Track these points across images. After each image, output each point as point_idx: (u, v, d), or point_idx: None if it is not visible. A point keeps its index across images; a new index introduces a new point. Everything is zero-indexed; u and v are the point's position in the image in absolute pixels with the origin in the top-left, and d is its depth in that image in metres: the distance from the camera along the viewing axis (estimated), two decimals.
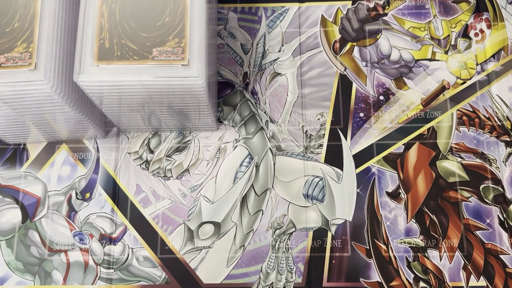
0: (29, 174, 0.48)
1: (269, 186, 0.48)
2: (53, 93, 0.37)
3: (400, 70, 0.51)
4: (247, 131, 0.49)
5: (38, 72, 0.36)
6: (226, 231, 0.46)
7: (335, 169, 0.48)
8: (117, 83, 0.37)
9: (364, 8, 0.53)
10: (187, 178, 0.48)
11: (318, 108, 0.50)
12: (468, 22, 0.52)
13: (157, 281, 0.45)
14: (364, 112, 0.50)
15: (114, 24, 0.37)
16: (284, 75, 0.51)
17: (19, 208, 0.47)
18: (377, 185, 0.47)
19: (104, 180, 0.48)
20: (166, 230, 0.47)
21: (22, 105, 0.39)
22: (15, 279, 0.45)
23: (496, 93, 0.50)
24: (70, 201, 0.47)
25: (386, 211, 0.47)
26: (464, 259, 0.45)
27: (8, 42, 0.36)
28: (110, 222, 0.47)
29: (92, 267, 0.45)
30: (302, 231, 0.46)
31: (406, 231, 0.46)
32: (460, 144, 0.48)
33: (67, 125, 0.44)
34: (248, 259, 0.46)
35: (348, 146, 0.49)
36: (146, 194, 0.48)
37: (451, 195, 0.47)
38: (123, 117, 0.45)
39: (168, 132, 0.49)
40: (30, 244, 0.46)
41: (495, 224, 0.46)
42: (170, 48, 0.36)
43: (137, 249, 0.46)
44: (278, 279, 0.45)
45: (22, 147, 0.49)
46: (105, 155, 0.49)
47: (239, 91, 0.51)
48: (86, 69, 0.36)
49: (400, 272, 0.45)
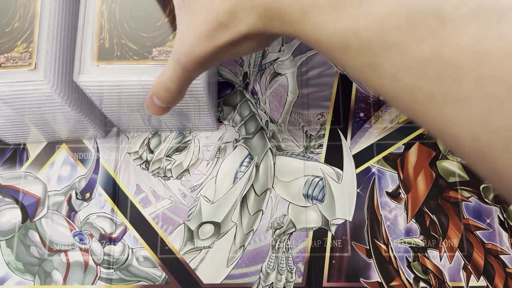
0: (29, 174, 0.48)
1: (269, 186, 0.48)
2: (53, 93, 0.37)
3: None
4: (247, 131, 0.49)
5: (38, 72, 0.36)
6: (226, 231, 0.46)
7: (335, 169, 0.48)
8: (117, 83, 0.37)
9: None
10: (187, 178, 0.48)
11: (318, 108, 0.50)
12: None
13: (157, 281, 0.45)
14: (364, 112, 0.50)
15: (114, 24, 0.37)
16: (284, 75, 0.51)
17: (19, 208, 0.47)
18: (377, 185, 0.47)
19: (104, 180, 0.48)
20: (166, 230, 0.47)
21: (22, 105, 0.39)
22: (15, 279, 0.45)
23: None
24: (70, 201, 0.47)
25: (386, 211, 0.47)
26: (464, 259, 0.45)
27: (8, 42, 0.36)
28: (110, 222, 0.47)
29: (92, 267, 0.45)
30: (302, 231, 0.46)
31: (406, 231, 0.46)
32: None
33: (67, 125, 0.44)
34: (248, 259, 0.46)
35: (348, 146, 0.49)
36: (146, 194, 0.48)
37: (451, 195, 0.47)
38: (123, 117, 0.45)
39: (168, 132, 0.49)
40: (30, 244, 0.46)
41: (495, 224, 0.46)
42: (170, 48, 0.36)
43: (137, 249, 0.46)
44: (278, 279, 0.45)
45: (22, 147, 0.49)
46: (105, 155, 0.49)
47: (239, 91, 0.51)
48: (86, 69, 0.36)
49: (400, 272, 0.45)
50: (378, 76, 0.20)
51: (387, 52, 0.19)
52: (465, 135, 0.18)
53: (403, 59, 0.19)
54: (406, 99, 0.20)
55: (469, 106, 0.18)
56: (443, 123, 0.19)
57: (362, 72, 0.21)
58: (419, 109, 0.19)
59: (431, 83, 0.18)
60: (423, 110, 0.19)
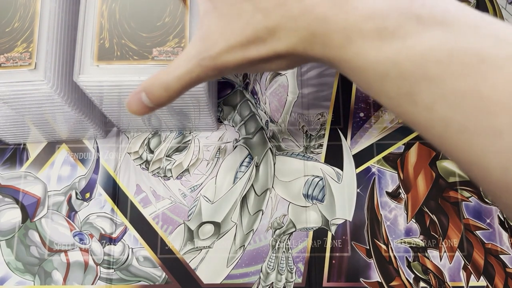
0: (29, 174, 0.48)
1: (269, 186, 0.48)
2: (53, 93, 0.37)
3: None
4: (247, 131, 0.49)
5: (38, 72, 0.36)
6: (226, 231, 0.46)
7: (335, 169, 0.48)
8: (117, 83, 0.37)
9: None
10: (187, 178, 0.48)
11: (318, 108, 0.50)
12: None
13: (157, 281, 0.45)
14: (364, 112, 0.50)
15: (114, 24, 0.37)
16: (284, 75, 0.51)
17: (19, 208, 0.47)
18: (377, 185, 0.47)
19: (104, 180, 0.48)
20: (166, 230, 0.47)
21: (22, 105, 0.39)
22: (15, 279, 0.45)
23: None
24: (70, 201, 0.47)
25: (386, 211, 0.47)
26: (464, 259, 0.45)
27: (8, 42, 0.36)
28: (110, 222, 0.47)
29: (92, 267, 0.45)
30: (302, 231, 0.46)
31: (406, 231, 0.46)
32: None
33: (67, 125, 0.44)
34: (248, 259, 0.46)
35: (348, 146, 0.49)
36: (146, 194, 0.48)
37: (451, 195, 0.47)
38: (123, 117, 0.45)
39: (168, 132, 0.49)
40: (30, 244, 0.46)
41: (495, 224, 0.46)
42: (170, 48, 0.36)
43: (137, 249, 0.46)
44: (278, 279, 0.45)
45: (22, 147, 0.49)
46: (105, 155, 0.49)
47: (239, 91, 0.51)
48: (86, 69, 0.36)
49: (400, 272, 0.45)
50: (414, 105, 0.21)
51: (426, 83, 0.20)
52: (495, 167, 0.19)
53: (440, 91, 0.20)
54: (439, 129, 0.21)
55: (501, 138, 0.19)
56: (474, 154, 0.20)
57: (398, 100, 0.22)
58: (451, 140, 0.20)
59: (466, 115, 0.19)
60: (455, 141, 0.20)
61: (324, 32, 0.23)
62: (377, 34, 0.21)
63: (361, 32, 0.22)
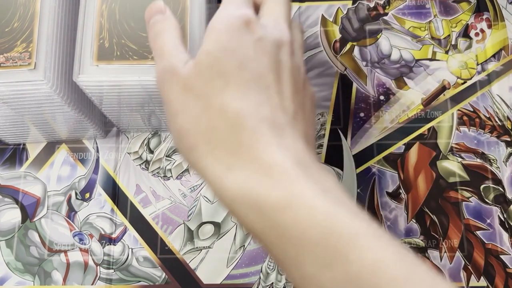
0: (29, 174, 0.48)
1: None
2: (52, 93, 0.37)
3: (401, 70, 0.51)
4: None
5: (37, 72, 0.36)
6: (226, 231, 0.46)
7: (335, 169, 0.48)
8: (117, 83, 0.37)
9: (365, 8, 0.53)
10: (187, 178, 0.48)
11: (318, 108, 0.50)
12: (468, 22, 0.52)
13: (157, 281, 0.45)
14: (365, 112, 0.50)
15: (114, 24, 0.37)
16: None
17: (18, 208, 0.47)
18: (377, 185, 0.47)
19: (104, 180, 0.48)
20: (166, 230, 0.46)
21: (21, 105, 0.39)
22: (15, 279, 0.45)
23: (496, 93, 0.50)
24: (70, 201, 0.47)
25: (387, 211, 0.47)
26: (464, 259, 0.45)
27: (7, 42, 0.36)
28: (110, 222, 0.47)
29: (92, 267, 0.45)
30: None
31: (407, 231, 0.46)
32: (461, 144, 0.48)
33: (67, 125, 0.44)
34: (248, 259, 0.46)
35: (348, 146, 0.49)
36: (146, 194, 0.48)
37: (451, 195, 0.47)
38: (123, 117, 0.45)
39: (168, 132, 0.49)
40: (29, 244, 0.46)
41: (495, 224, 0.46)
42: None
43: (137, 249, 0.46)
44: (278, 279, 0.45)
45: (21, 147, 0.49)
46: (105, 155, 0.49)
47: None
48: (85, 69, 0.36)
49: None
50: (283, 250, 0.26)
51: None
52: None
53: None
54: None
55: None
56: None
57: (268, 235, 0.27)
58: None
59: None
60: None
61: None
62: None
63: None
